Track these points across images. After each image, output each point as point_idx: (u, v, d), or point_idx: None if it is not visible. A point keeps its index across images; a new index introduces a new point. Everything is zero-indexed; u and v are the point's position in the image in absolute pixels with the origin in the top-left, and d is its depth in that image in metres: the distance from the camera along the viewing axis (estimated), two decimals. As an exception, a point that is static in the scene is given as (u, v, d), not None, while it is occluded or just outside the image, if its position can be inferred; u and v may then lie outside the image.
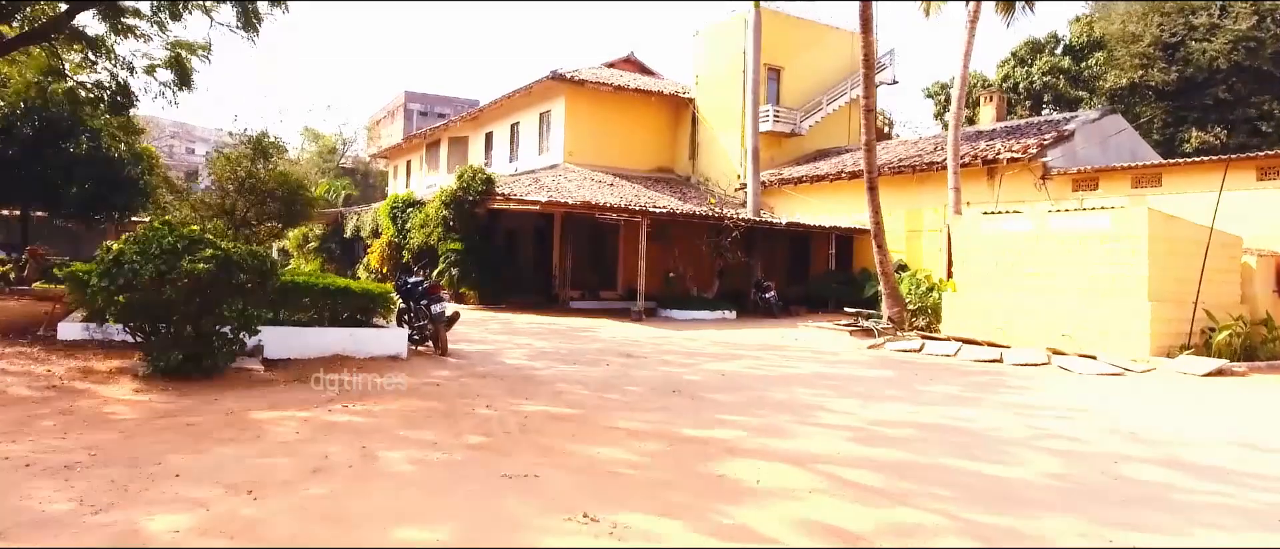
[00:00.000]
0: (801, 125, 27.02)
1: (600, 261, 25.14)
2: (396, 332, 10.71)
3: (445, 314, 11.27)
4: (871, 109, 17.07)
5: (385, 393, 8.19)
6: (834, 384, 10.13)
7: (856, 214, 23.33)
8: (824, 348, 14.52)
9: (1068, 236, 14.19)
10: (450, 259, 21.29)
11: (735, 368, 11.35)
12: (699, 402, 8.48)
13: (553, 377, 9.82)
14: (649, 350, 13.15)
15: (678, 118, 29.64)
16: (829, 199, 24.03)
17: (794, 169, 25.85)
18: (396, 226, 25.00)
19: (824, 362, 12.56)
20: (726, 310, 20.16)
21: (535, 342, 13.81)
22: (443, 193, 21.69)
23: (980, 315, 15.16)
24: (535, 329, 16.06)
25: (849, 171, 23.04)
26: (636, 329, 16.95)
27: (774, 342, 15.32)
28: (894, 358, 13.47)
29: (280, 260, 43.53)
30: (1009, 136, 21.30)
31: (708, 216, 20.37)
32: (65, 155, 20.96)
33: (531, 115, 29.55)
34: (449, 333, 12.91)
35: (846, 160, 24.77)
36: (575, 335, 15.14)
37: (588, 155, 27.30)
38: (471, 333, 14.83)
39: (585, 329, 16.49)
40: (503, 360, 11.20)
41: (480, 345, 12.98)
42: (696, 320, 19.40)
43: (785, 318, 20.73)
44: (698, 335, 15.97)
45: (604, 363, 11.35)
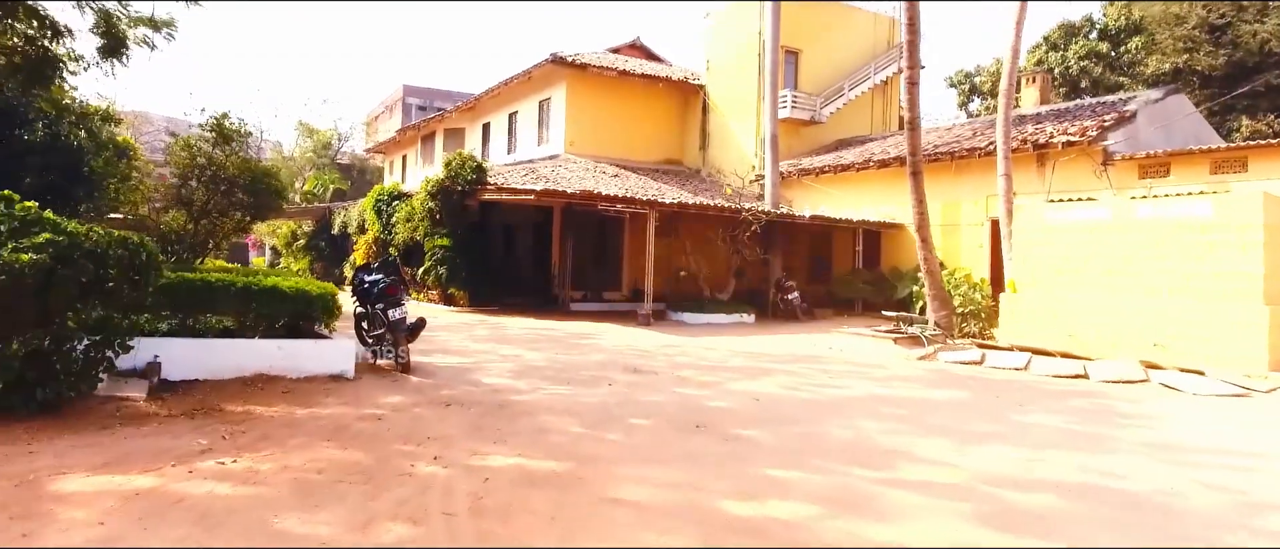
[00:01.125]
0: (821, 112, 24.59)
1: (603, 260, 22.74)
2: (342, 344, 8.32)
3: (406, 321, 8.88)
4: (915, 81, 14.66)
5: (300, 434, 5.80)
6: (904, 414, 7.71)
7: (886, 206, 20.92)
8: (868, 360, 12.10)
9: (1156, 227, 11.76)
10: (437, 256, 18.91)
11: (769, 388, 8.94)
12: (733, 445, 6.07)
13: (538, 404, 7.42)
14: (660, 363, 10.75)
15: (686, 106, 27.23)
16: (854, 191, 21.60)
17: (814, 159, 23.41)
18: (382, 221, 22.63)
19: (875, 379, 10.13)
20: (744, 313, 17.75)
21: (525, 352, 11.42)
22: (428, 183, 19.32)
23: (1046, 320, 12.72)
24: (528, 336, 13.67)
25: (877, 160, 20.60)
26: (644, 335, 14.55)
27: (806, 351, 12.90)
28: (956, 373, 11.04)
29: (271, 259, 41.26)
30: (1058, 119, 18.85)
31: (723, 209, 17.97)
32: (18, 143, 18.67)
33: (530, 104, 27.16)
34: (419, 341, 10.54)
35: (873, 148, 22.32)
36: (573, 344, 12.75)
37: (590, 146, 24.91)
38: (452, 341, 12.45)
39: (585, 336, 14.10)
40: (479, 379, 8.80)
41: (458, 357, 10.59)
42: (711, 325, 16.99)
43: (810, 322, 18.30)
44: (715, 343, 13.56)
45: (605, 381, 8.95)
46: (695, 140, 26.81)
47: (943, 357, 12.38)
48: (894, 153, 20.52)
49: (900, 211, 20.53)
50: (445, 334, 13.41)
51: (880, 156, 20.67)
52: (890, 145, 22.12)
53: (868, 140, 24.34)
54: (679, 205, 17.41)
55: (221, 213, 17.21)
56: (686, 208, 17.59)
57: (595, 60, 25.26)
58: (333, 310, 8.34)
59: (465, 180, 18.48)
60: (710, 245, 18.86)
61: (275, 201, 17.52)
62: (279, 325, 8.22)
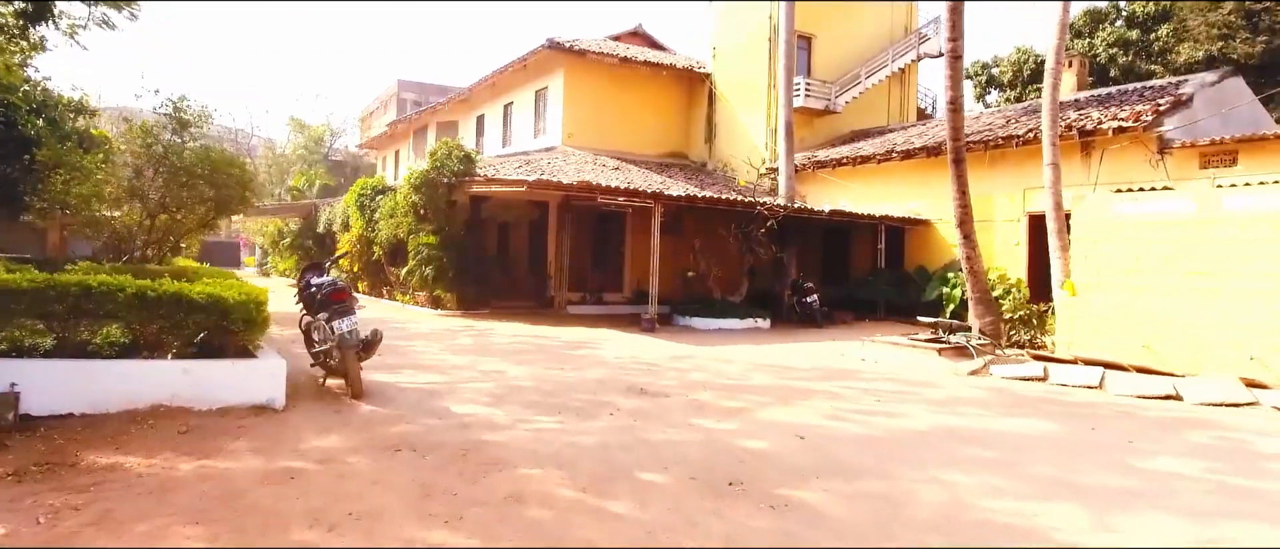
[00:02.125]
0: (836, 101, 22.72)
1: (603, 259, 20.90)
2: (270, 365, 6.46)
3: (355, 335, 7.01)
4: (959, 54, 12.79)
5: (162, 509, 3.96)
6: (994, 458, 5.86)
7: (910, 201, 19.08)
8: (912, 375, 10.24)
9: (1252, 222, 9.91)
10: (421, 255, 17.05)
11: (810, 417, 7.09)
12: (787, 518, 4.23)
13: (517, 446, 5.58)
14: (670, 381, 8.90)
15: (692, 96, 25.37)
16: (873, 185, 19.75)
17: (830, 151, 21.56)
18: (364, 218, 20.78)
19: (931, 401, 8.29)
20: (758, 317, 15.90)
21: (511, 367, 9.57)
22: (412, 175, 17.48)
23: (1115, 328, 10.87)
24: (517, 345, 11.82)
25: (901, 151, 18.75)
26: (649, 344, 12.71)
27: (837, 364, 11.06)
28: (1021, 393, 9.19)
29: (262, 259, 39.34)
30: (1103, 105, 17.00)
31: (735, 202, 16.12)
32: (-37, 133, 16.87)
33: (526, 93, 25.31)
34: (388, 354, 8.71)
35: (895, 139, 20.46)
36: (568, 355, 10.90)
37: (589, 137, 23.06)
38: (427, 353, 10.60)
39: (583, 344, 12.25)
40: (448, 407, 6.95)
41: (429, 375, 8.74)
42: (723, 331, 15.14)
43: (831, 327, 16.46)
44: (731, 354, 11.72)
45: (605, 409, 7.11)
46: (701, 132, 24.95)
47: (996, 370, 10.53)
48: (919, 143, 18.68)
49: (926, 206, 18.69)
50: (422, 345, 11.56)
51: (903, 147, 18.82)
52: (913, 135, 20.28)
53: (887, 131, 22.49)
54: (687, 198, 15.56)
55: (180, 207, 15.38)
56: (695, 201, 15.74)
57: (594, 47, 23.41)
58: (256, 322, 6.47)
59: (451, 171, 16.63)
60: (720, 243, 17.01)
61: (240, 193, 15.67)
62: (198, 341, 6.36)
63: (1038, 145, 16.14)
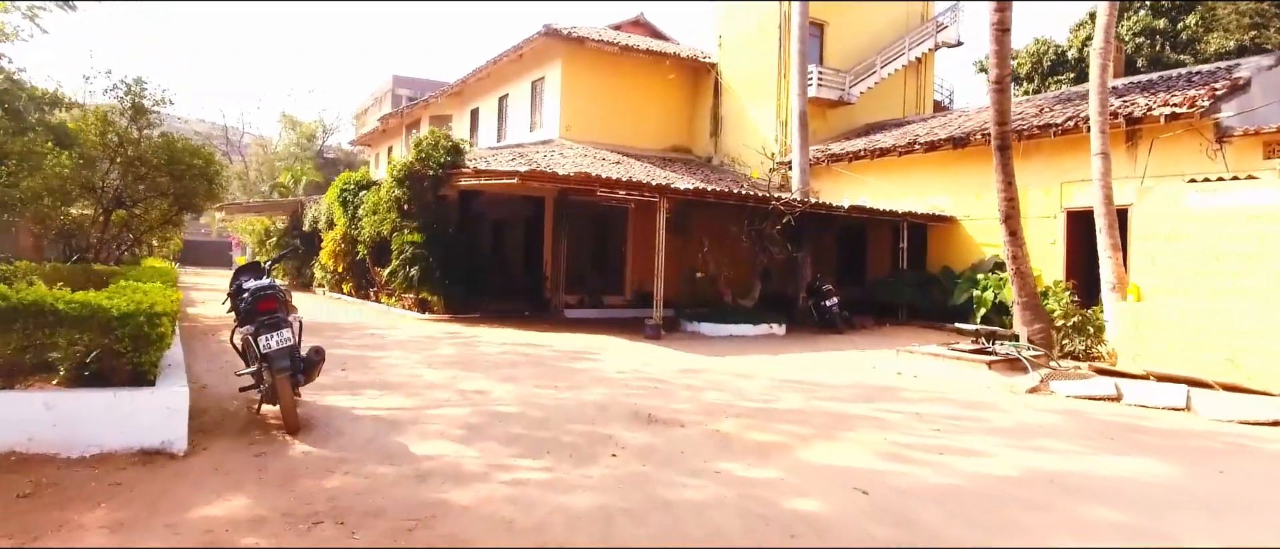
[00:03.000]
0: (851, 91, 21.20)
1: (604, 259, 19.38)
2: (164, 396, 4.90)
3: (287, 354, 5.46)
4: (1006, 27, 11.25)
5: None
6: (1126, 521, 4.33)
7: (933, 196, 17.56)
8: (962, 393, 8.71)
9: (1361, 214, 8.40)
10: (405, 255, 15.51)
11: (865, 458, 5.57)
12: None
13: (485, 510, 4.05)
14: (684, 404, 7.37)
15: (696, 87, 23.84)
16: (893, 180, 18.23)
17: (845, 143, 20.03)
18: (347, 214, 19.25)
19: (999, 431, 6.76)
20: (772, 323, 14.36)
21: (495, 385, 8.04)
22: (394, 167, 15.96)
23: (1191, 338, 9.33)
24: (505, 357, 10.29)
25: (924, 142, 17.22)
26: (655, 354, 11.18)
27: (872, 379, 9.53)
28: (1099, 417, 7.66)
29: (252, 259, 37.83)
30: (1146, 91, 15.49)
31: (748, 197, 14.58)
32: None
33: (522, 85, 23.77)
34: (355, 369, 7.21)
35: (917, 130, 18.93)
36: (563, 369, 9.37)
37: (588, 130, 21.53)
38: (399, 367, 9.06)
39: (580, 355, 10.72)
40: (407, 445, 5.43)
41: (395, 397, 7.21)
42: (735, 338, 13.62)
43: (852, 333, 14.93)
44: (749, 366, 10.19)
45: (605, 447, 5.58)
46: (706, 125, 23.42)
47: (1057, 387, 9.00)
48: (944, 133, 17.15)
49: (951, 202, 17.17)
50: (397, 356, 10.02)
51: (926, 138, 17.29)
52: (935, 126, 18.75)
53: (905, 122, 20.96)
54: (695, 192, 14.03)
55: (137, 202, 13.85)
56: (704, 195, 14.20)
57: (594, 34, 21.87)
58: (148, 339, 4.91)
59: (437, 163, 15.10)
60: (730, 242, 15.48)
61: (205, 187, 14.12)
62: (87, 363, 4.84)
63: (1077, 134, 14.66)
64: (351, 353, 10.13)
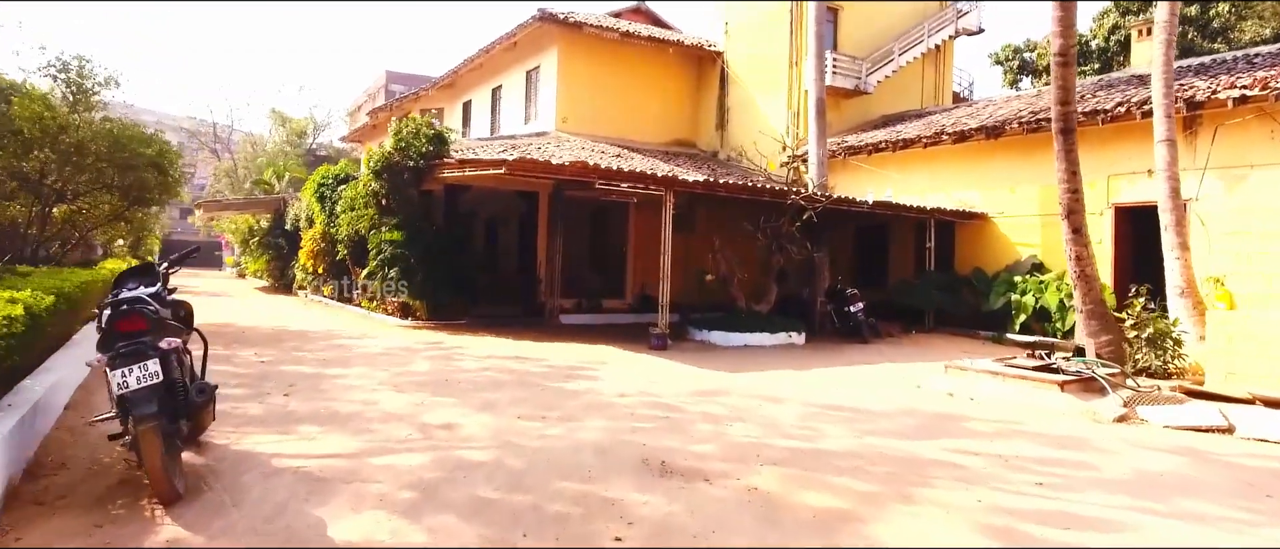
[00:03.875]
0: (867, 80, 19.59)
1: (604, 259, 17.78)
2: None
3: (158, 397, 3.81)
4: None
5: None
6: None
7: (961, 192, 15.97)
8: (1041, 424, 7.08)
9: None
10: (384, 255, 13.89)
11: (970, 536, 3.95)
12: None
13: None
14: (707, 445, 5.75)
15: (701, 77, 22.22)
16: (915, 174, 16.63)
17: (864, 135, 18.43)
18: (325, 211, 17.63)
19: (1121, 485, 5.14)
20: (791, 331, 12.74)
21: (469, 416, 6.42)
22: (371, 158, 14.34)
23: (1304, 355, 7.74)
24: (488, 374, 8.66)
25: (952, 132, 15.61)
26: (663, 371, 9.56)
27: (923, 403, 7.90)
28: (1226, 458, 6.04)
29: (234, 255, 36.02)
30: (1203, 75, 13.89)
31: (764, 190, 12.96)
32: None
33: (516, 75, 22.14)
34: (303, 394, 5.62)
35: (942, 120, 17.32)
36: (555, 392, 7.74)
37: (586, 123, 19.91)
38: (359, 389, 7.43)
39: (576, 372, 9.08)
40: (322, 522, 3.81)
41: (337, 436, 5.59)
42: (751, 349, 12.00)
43: (879, 342, 13.32)
44: (774, 386, 8.57)
45: (606, 522, 3.96)
46: (711, 117, 21.80)
47: (1148, 415, 7.39)
48: (975, 123, 15.54)
49: (981, 198, 15.58)
50: (358, 374, 8.39)
51: (955, 128, 15.68)
52: (963, 116, 17.14)
53: (926, 113, 19.34)
54: (705, 185, 12.39)
55: (78, 196, 12.21)
56: (715, 189, 12.58)
57: (592, 20, 20.24)
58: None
59: (418, 153, 13.48)
60: (742, 242, 13.86)
61: (157, 179, 12.50)
62: None
63: (1128, 121, 13.09)
64: (307, 370, 8.50)
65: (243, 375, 8.00)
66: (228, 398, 6.71)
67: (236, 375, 7.98)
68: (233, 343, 10.73)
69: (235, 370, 8.29)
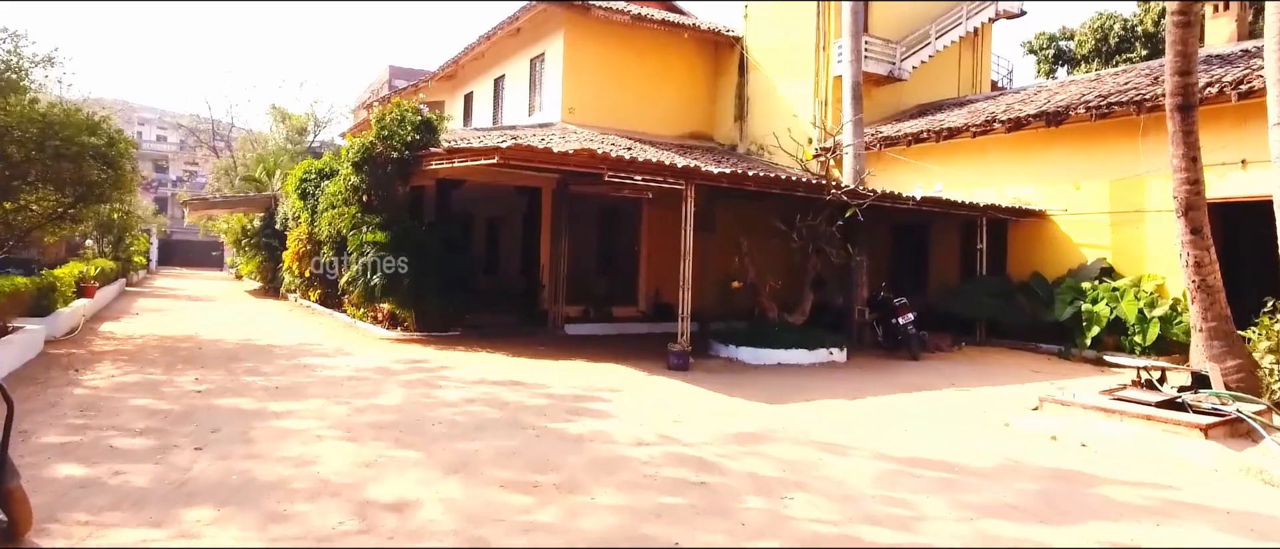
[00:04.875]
0: (902, 66, 17.73)
1: (613, 262, 16.00)
2: None
3: None
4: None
5: None
6: None
7: (1013, 187, 14.12)
8: (1200, 488, 5.24)
9: None
10: (366, 257, 12.14)
11: None
12: None
13: None
14: (766, 541, 3.96)
15: (718, 65, 20.40)
16: (959, 167, 14.77)
17: (901, 125, 16.58)
18: (308, 208, 15.93)
19: None
20: (831, 347, 10.92)
21: (427, 485, 4.66)
22: (351, 149, 12.62)
23: None
24: (466, 412, 6.89)
25: (1006, 120, 13.73)
26: (687, 402, 7.76)
27: (1022, 449, 6.07)
28: None
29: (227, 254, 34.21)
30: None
31: (798, 184, 11.13)
32: None
33: (520, 63, 20.37)
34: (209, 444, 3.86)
35: (990, 107, 15.43)
36: (550, 439, 5.96)
37: (594, 114, 18.12)
38: (297, 434, 5.66)
39: (579, 405, 7.29)
40: None
41: (227, 531, 3.81)
42: (785, 368, 10.21)
43: (931, 358, 11.49)
44: (827, 425, 6.77)
45: None
46: (729, 108, 19.96)
47: (1330, 472, 5.55)
48: (1032, 109, 13.67)
49: (1037, 193, 13.73)
50: (309, 410, 6.63)
51: (1008, 116, 13.80)
52: (1014, 102, 15.27)
53: (968, 101, 17.46)
54: (732, 178, 10.57)
55: (5, 193, 10.48)
56: (743, 182, 10.75)
57: (601, 3, 18.43)
58: None
59: (402, 143, 11.73)
60: (772, 243, 12.06)
61: (102, 173, 10.76)
62: None
63: (1222, 104, 11.21)
64: (247, 405, 6.75)
65: (158, 415, 6.25)
66: (116, 456, 4.98)
67: (152, 415, 6.23)
68: (180, 363, 9.00)
69: (155, 406, 6.55)
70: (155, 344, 10.65)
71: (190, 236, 45.84)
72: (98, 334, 11.64)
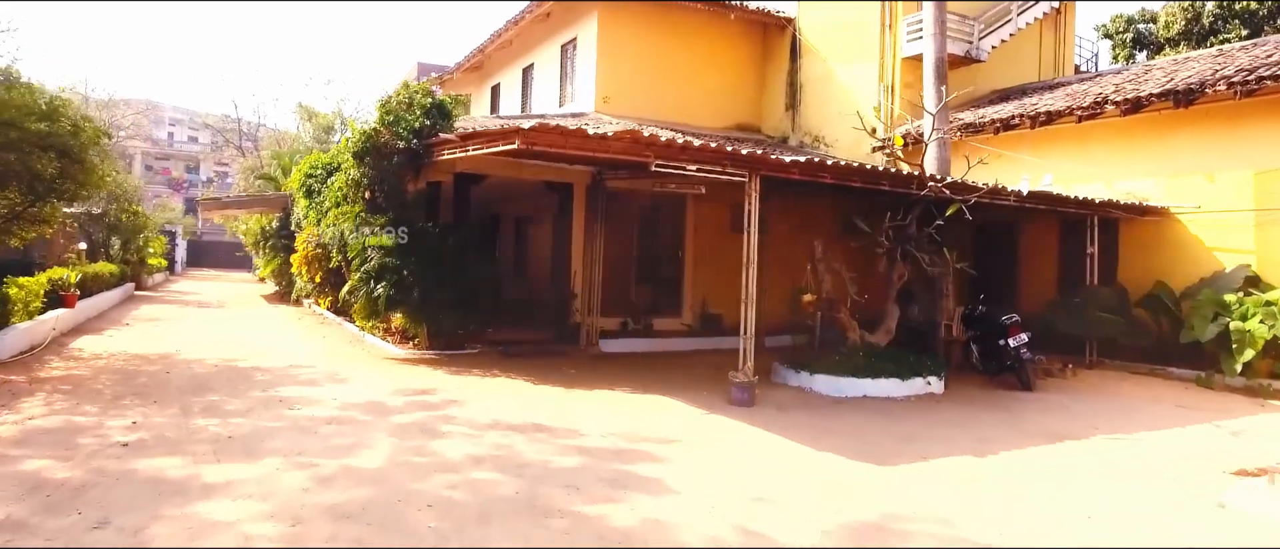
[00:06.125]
0: (979, 45, 15.51)
1: (654, 268, 14.04)
2: None
3: None
4: None
5: None
6: None
7: (1125, 182, 11.92)
8: None
9: None
10: (370, 264, 10.34)
11: None
12: None
13: None
14: None
15: (768, 50, 18.34)
16: (1055, 159, 12.56)
17: (985, 110, 14.39)
18: (316, 208, 14.23)
19: None
20: (928, 374, 8.84)
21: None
22: (352, 137, 10.86)
23: None
24: (469, 481, 4.98)
25: (1121, 100, 11.48)
26: (762, 461, 5.78)
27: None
28: None
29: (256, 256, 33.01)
30: None
31: (882, 175, 9.06)
32: None
33: (550, 50, 18.53)
34: None
35: (1093, 90, 13.17)
36: (579, 521, 4.02)
37: (630, 104, 16.20)
38: (225, 527, 3.76)
39: (619, 472, 5.34)
40: None
41: None
42: (873, 401, 8.17)
43: (1044, 385, 9.34)
44: (955, 492, 4.76)
45: None
46: (779, 97, 17.90)
47: None
48: (1154, 88, 11.41)
49: (1157, 188, 11.52)
50: (255, 478, 4.76)
51: (1123, 96, 11.56)
52: (1123, 81, 13.01)
53: (1059, 84, 15.19)
54: (806, 166, 8.53)
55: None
56: (819, 173, 8.71)
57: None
58: None
59: (409, 129, 9.89)
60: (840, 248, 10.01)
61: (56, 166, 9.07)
62: None
63: None
64: (173, 469, 4.92)
65: (44, 488, 4.44)
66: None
67: (35, 489, 4.42)
68: (130, 396, 7.25)
69: (48, 473, 4.74)
70: (118, 367, 8.93)
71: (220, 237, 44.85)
72: (64, 352, 9.98)
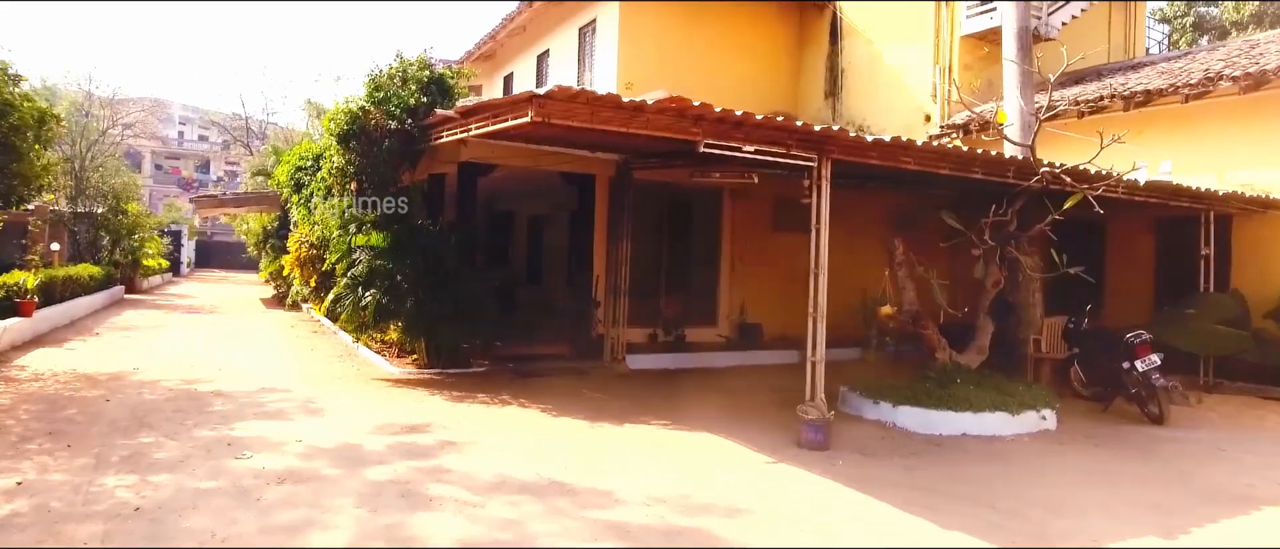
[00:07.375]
0: (1049, 21, 13.70)
1: (685, 272, 12.31)
2: None
3: None
4: None
5: None
6: None
7: (1237, 172, 10.07)
8: None
9: None
10: (357, 268, 8.69)
11: None
12: None
13: None
14: None
15: (805, 33, 16.58)
16: (1155, 146, 10.73)
17: (1065, 91, 12.58)
18: (304, 203, 12.64)
19: None
20: (1041, 407, 7.05)
21: None
22: (335, 115, 9.22)
23: None
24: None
25: (1240, 77, 9.67)
26: (862, 529, 4.04)
27: None
28: None
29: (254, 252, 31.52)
30: None
31: (975, 159, 7.33)
32: None
33: (567, 34, 16.85)
34: None
35: (1193, 67, 11.34)
36: None
37: (655, 89, 14.45)
38: None
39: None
40: None
41: None
42: (972, 440, 6.42)
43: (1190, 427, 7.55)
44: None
45: None
46: (818, 82, 16.14)
47: None
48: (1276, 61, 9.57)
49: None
50: None
51: (1241, 72, 9.74)
52: (1231, 53, 11.16)
53: (1143, 64, 13.36)
54: (887, 147, 6.76)
55: None
56: (899, 156, 6.95)
57: (664, -47, 14.77)
58: None
59: (402, 106, 8.23)
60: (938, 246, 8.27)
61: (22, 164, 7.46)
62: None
63: None
64: None
65: None
66: None
67: None
68: (42, 437, 5.63)
69: None
70: (50, 393, 7.32)
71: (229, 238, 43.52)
72: (3, 370, 8.40)
